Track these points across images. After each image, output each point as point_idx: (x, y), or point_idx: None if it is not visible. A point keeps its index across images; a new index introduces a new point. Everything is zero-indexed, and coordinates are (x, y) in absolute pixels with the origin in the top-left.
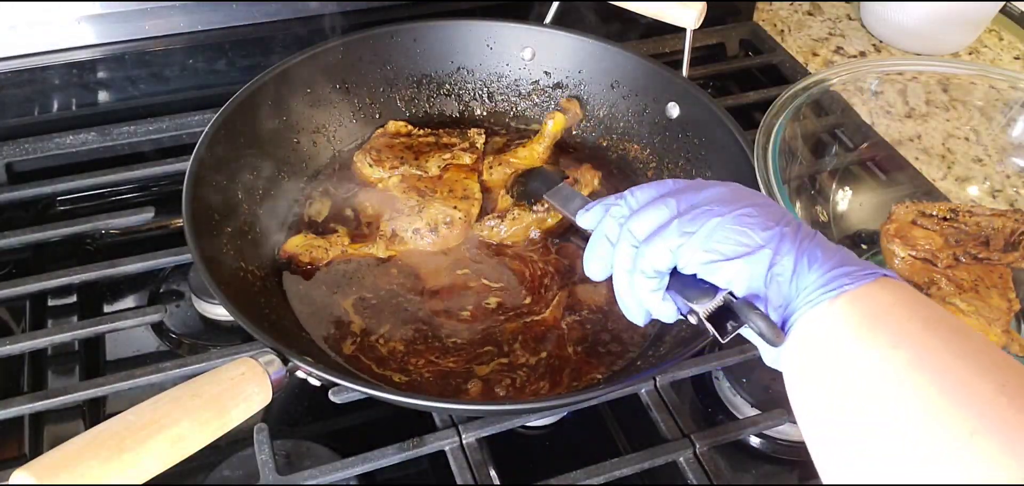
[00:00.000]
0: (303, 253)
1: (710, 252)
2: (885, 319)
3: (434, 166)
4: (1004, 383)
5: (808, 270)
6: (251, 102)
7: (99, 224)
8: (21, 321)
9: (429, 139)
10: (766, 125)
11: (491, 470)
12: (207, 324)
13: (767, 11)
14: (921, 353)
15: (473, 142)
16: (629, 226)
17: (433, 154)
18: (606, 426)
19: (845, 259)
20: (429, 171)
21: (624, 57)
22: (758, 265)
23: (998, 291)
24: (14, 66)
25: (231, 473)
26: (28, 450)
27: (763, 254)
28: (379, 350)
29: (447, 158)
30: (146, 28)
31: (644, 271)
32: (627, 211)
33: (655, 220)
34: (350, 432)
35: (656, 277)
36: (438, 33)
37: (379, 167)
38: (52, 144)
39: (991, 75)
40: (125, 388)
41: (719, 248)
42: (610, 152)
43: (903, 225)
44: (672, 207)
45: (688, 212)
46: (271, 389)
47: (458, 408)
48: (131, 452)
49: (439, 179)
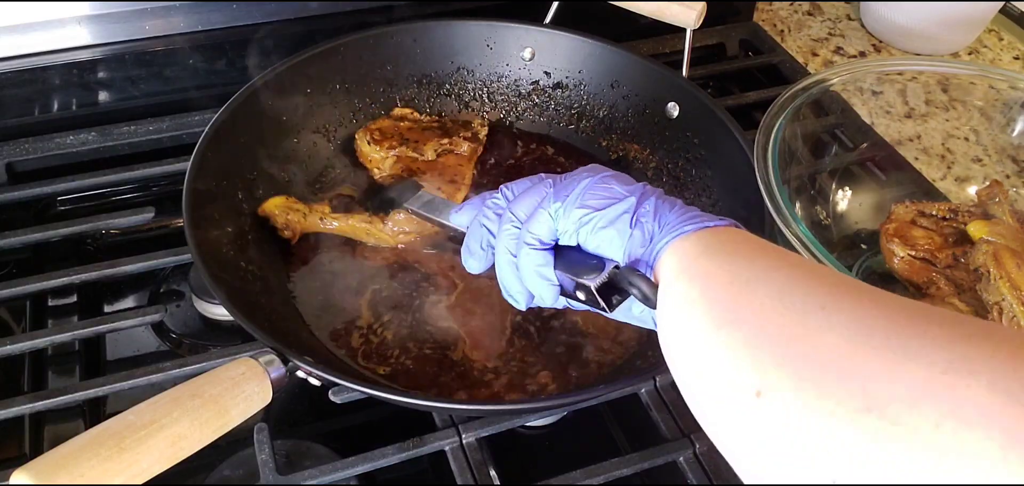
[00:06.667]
0: (279, 215)
1: (585, 207)
2: (742, 249)
3: (431, 150)
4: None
5: (669, 210)
6: (251, 102)
7: (99, 224)
8: (21, 321)
9: (433, 125)
10: (766, 125)
11: (491, 470)
12: (207, 324)
13: (767, 11)
14: (771, 275)
15: (475, 132)
16: (512, 209)
17: (432, 139)
18: (606, 426)
19: (704, 214)
20: (425, 154)
21: (624, 57)
22: (623, 210)
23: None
24: (14, 66)
25: (231, 473)
26: (28, 450)
27: (628, 201)
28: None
29: (445, 144)
30: (146, 28)
31: (530, 244)
32: (505, 201)
33: (535, 198)
34: (350, 432)
35: (542, 249)
36: (438, 33)
37: (377, 146)
38: (52, 144)
39: (991, 75)
40: (125, 388)
41: (590, 203)
42: (610, 152)
43: (903, 225)
44: (548, 185)
45: (563, 181)
46: (271, 389)
47: (458, 408)
48: (131, 452)
49: (434, 163)
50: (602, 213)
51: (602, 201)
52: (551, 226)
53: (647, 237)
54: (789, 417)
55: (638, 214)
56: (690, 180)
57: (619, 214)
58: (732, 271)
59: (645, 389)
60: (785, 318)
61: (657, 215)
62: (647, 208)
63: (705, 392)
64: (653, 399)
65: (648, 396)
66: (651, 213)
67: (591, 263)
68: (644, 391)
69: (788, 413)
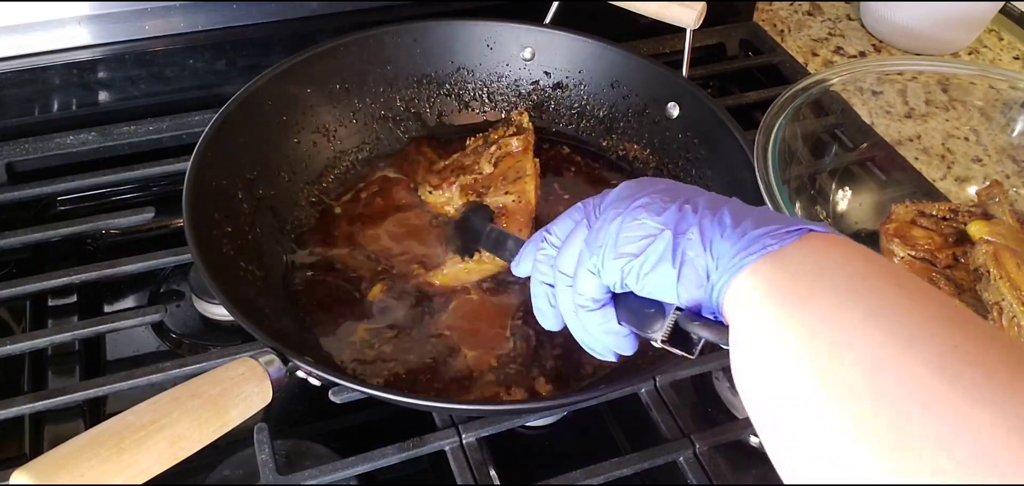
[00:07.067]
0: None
1: (622, 256)
2: (809, 287)
3: (486, 164)
4: (955, 362)
5: (721, 234)
6: (251, 102)
7: (99, 224)
8: (21, 321)
9: (477, 143)
10: (766, 125)
11: (491, 470)
12: (207, 324)
13: (767, 11)
14: (849, 334)
15: (519, 125)
16: (559, 266)
17: (483, 153)
18: (606, 426)
19: (762, 218)
20: (483, 170)
21: (624, 57)
22: (661, 251)
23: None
24: (14, 66)
25: (231, 473)
26: (28, 450)
27: (664, 237)
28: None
29: (495, 151)
30: (146, 28)
31: (584, 306)
32: (554, 251)
33: (574, 250)
34: (350, 432)
35: (598, 308)
36: (438, 33)
37: (439, 191)
38: (52, 144)
39: (991, 75)
40: (125, 388)
41: (625, 249)
42: (610, 152)
43: (903, 225)
44: (583, 227)
45: (594, 226)
46: (271, 389)
47: (458, 408)
48: (130, 452)
49: (494, 174)
50: (639, 260)
51: (637, 244)
52: (597, 283)
53: (701, 275)
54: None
55: (681, 250)
56: (690, 180)
57: (658, 258)
58: (810, 326)
59: (645, 389)
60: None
61: (707, 242)
62: (691, 238)
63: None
64: (653, 399)
65: (648, 396)
66: (697, 242)
67: (652, 309)
68: (644, 391)
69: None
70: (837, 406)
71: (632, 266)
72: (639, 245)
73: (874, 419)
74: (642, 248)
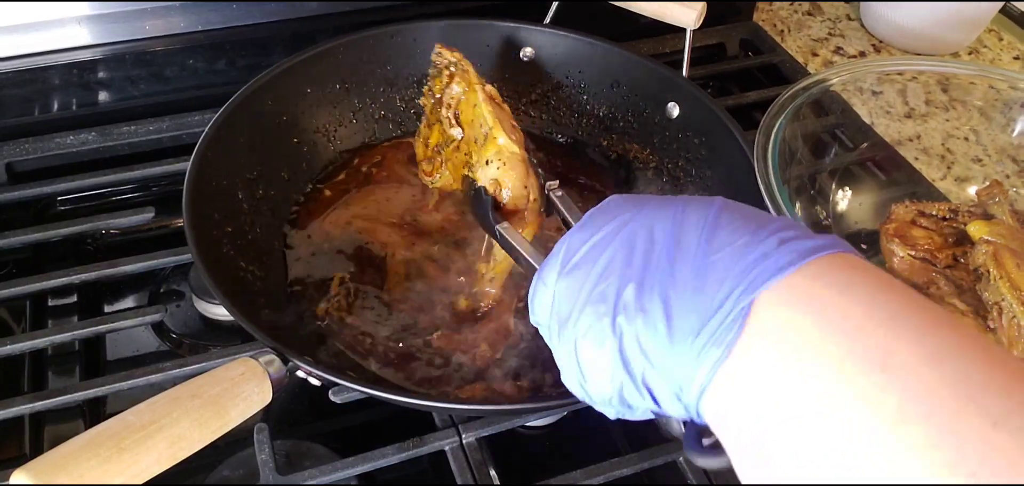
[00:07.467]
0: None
1: (602, 397)
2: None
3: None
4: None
5: (667, 331)
6: (251, 102)
7: (99, 224)
8: (21, 321)
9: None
10: (766, 125)
11: (491, 470)
12: (207, 324)
13: (767, 11)
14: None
15: (446, 64)
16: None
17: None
18: (606, 426)
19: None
20: (455, 136)
21: (624, 57)
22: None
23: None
24: (14, 66)
25: (231, 473)
26: (28, 450)
27: (615, 377)
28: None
29: (447, 112)
30: (146, 28)
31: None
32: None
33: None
34: (350, 432)
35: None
36: (438, 33)
37: (431, 178)
38: (52, 144)
39: (991, 75)
40: (125, 388)
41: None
42: (610, 152)
43: (903, 225)
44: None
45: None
46: (271, 389)
47: (458, 408)
48: (130, 452)
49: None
50: (613, 391)
51: (601, 379)
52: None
53: (668, 395)
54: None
55: (627, 362)
56: (690, 180)
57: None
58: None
59: None
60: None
61: (658, 348)
62: (631, 348)
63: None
64: None
65: None
66: (641, 359)
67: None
68: None
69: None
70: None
71: (616, 404)
72: (603, 380)
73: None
74: (609, 383)
